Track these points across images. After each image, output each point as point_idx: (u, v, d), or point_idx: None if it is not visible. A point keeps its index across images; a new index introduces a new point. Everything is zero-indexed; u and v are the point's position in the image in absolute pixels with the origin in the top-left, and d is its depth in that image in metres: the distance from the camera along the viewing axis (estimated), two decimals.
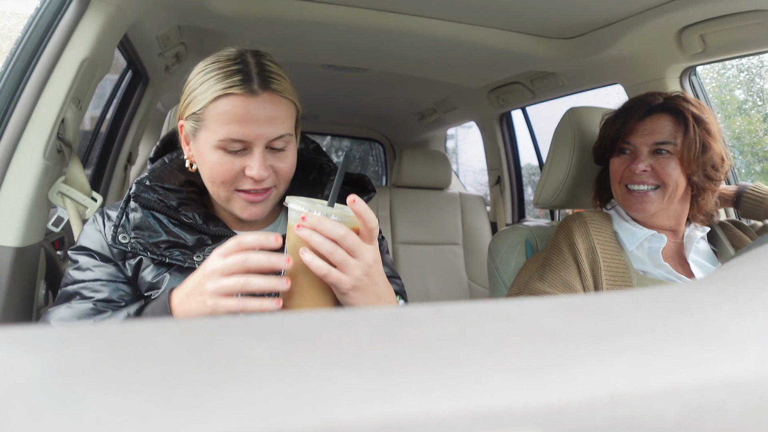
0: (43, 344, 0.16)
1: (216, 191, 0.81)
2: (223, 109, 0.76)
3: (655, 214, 1.10)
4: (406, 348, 0.16)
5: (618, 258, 1.08)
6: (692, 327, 0.17)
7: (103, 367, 0.14)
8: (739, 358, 0.16)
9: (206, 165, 0.79)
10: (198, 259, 0.81)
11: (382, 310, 0.19)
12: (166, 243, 0.81)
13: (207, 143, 0.78)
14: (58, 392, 0.13)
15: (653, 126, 1.09)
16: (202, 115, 0.77)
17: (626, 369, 0.15)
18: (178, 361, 0.15)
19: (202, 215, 0.84)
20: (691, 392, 0.15)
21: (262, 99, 0.77)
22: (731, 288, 0.20)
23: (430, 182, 2.49)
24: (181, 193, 0.85)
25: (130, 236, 0.80)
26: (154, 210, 0.82)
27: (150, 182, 0.84)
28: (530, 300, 0.20)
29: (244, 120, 0.75)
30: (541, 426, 0.14)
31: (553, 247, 1.16)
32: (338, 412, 0.13)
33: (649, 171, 1.08)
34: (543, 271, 1.13)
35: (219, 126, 0.76)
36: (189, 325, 0.17)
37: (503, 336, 0.17)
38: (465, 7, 1.45)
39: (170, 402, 0.13)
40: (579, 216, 1.17)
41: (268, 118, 0.77)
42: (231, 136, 0.75)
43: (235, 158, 0.77)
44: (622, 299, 0.20)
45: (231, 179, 0.78)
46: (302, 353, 0.15)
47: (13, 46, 1.07)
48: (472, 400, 0.14)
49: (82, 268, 0.82)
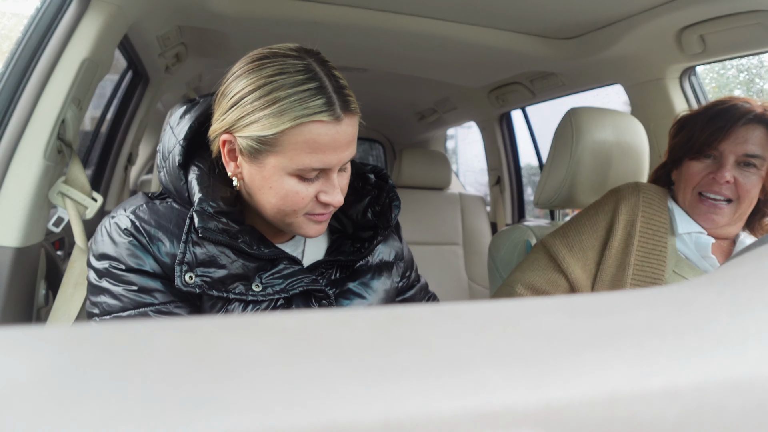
0: (43, 344, 0.16)
1: (282, 218, 0.74)
2: (307, 138, 0.69)
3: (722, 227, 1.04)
4: (406, 348, 0.16)
5: (660, 236, 1.03)
6: (692, 327, 0.17)
7: (103, 367, 0.14)
8: (739, 358, 0.16)
9: (275, 192, 0.72)
10: (257, 289, 0.74)
11: (382, 310, 0.19)
12: (231, 278, 0.74)
13: (279, 169, 0.71)
14: (58, 392, 0.13)
15: (747, 135, 1.01)
16: (274, 140, 0.70)
17: (626, 369, 0.15)
18: (178, 361, 0.15)
19: (254, 238, 0.76)
20: (691, 392, 0.15)
21: (345, 123, 0.71)
22: (731, 288, 0.20)
23: (430, 182, 2.49)
24: (237, 215, 0.76)
25: (195, 275, 0.71)
26: (221, 244, 0.73)
27: (212, 209, 0.73)
28: (530, 300, 0.20)
29: (330, 148, 0.70)
30: (541, 426, 0.14)
31: (593, 207, 1.11)
32: (338, 412, 0.13)
33: (731, 183, 1.00)
34: (567, 227, 1.11)
35: (300, 154, 0.69)
36: (189, 325, 0.17)
37: (503, 336, 0.17)
38: (465, 7, 1.45)
39: (170, 402, 0.13)
40: (634, 185, 1.11)
41: (349, 142, 0.72)
42: (314, 166, 0.70)
43: (311, 185, 0.72)
44: (622, 299, 0.20)
45: (305, 206, 0.72)
46: (302, 353, 0.15)
47: (14, 46, 1.07)
48: (472, 400, 0.14)
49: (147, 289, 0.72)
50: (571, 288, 1.06)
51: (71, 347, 0.16)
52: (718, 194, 1.01)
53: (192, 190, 0.74)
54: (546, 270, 1.08)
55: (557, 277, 1.07)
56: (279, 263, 0.78)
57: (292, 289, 0.76)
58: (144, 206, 0.75)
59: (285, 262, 0.78)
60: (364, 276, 0.87)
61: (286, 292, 0.76)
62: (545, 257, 1.10)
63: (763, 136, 1.01)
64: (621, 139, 1.30)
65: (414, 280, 1.01)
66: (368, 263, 0.88)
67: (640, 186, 1.10)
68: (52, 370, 0.14)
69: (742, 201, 1.00)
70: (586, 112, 1.31)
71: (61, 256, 1.24)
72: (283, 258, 0.77)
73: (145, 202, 0.76)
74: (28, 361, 0.14)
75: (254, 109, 0.69)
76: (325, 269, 0.84)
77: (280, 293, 0.75)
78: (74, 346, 0.16)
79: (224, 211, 0.74)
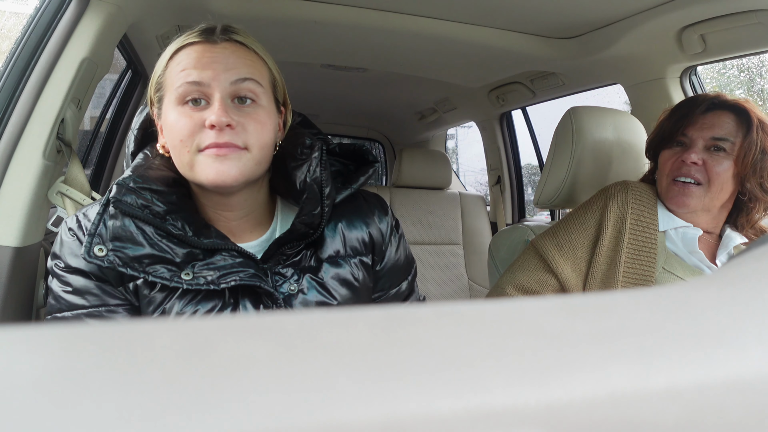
0: (43, 344, 0.16)
1: (180, 157, 0.71)
2: (179, 60, 0.71)
3: (694, 211, 1.05)
4: (406, 348, 0.16)
5: (649, 233, 1.04)
6: (692, 327, 0.17)
7: (103, 366, 0.14)
8: (740, 359, 0.16)
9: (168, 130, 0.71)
10: (186, 277, 0.70)
11: (382, 310, 0.19)
12: (150, 258, 0.70)
13: (169, 105, 0.72)
14: (58, 392, 0.13)
15: (714, 120, 1.04)
16: (162, 79, 0.73)
17: (626, 369, 0.15)
18: (178, 361, 0.14)
19: (193, 225, 0.73)
20: (692, 393, 0.15)
21: (223, 47, 0.72)
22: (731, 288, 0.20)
23: (430, 182, 2.49)
24: (170, 196, 0.73)
25: (107, 248, 0.68)
26: (138, 218, 0.71)
27: (134, 183, 0.71)
28: (530, 300, 0.20)
29: (200, 63, 0.70)
30: (542, 426, 0.14)
31: (583, 206, 1.12)
32: (338, 412, 0.13)
33: (699, 165, 1.02)
34: (557, 227, 1.11)
35: (176, 77, 0.70)
36: (189, 325, 0.17)
37: (503, 336, 0.17)
38: (465, 7, 1.45)
39: (170, 402, 0.13)
40: (623, 184, 1.12)
41: (228, 64, 0.71)
42: (186, 80, 0.69)
43: (194, 111, 0.70)
44: (622, 299, 0.20)
45: (190, 133, 0.69)
46: (302, 353, 0.15)
47: (13, 46, 1.07)
48: (472, 400, 0.14)
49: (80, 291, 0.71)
50: (561, 287, 1.06)
51: (71, 347, 0.16)
52: (688, 176, 1.03)
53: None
54: (536, 270, 1.09)
55: (547, 277, 1.07)
56: (218, 254, 0.73)
57: (224, 282, 0.71)
58: (96, 205, 0.74)
59: (224, 254, 0.73)
60: (335, 265, 0.81)
61: (216, 284, 0.71)
62: (535, 258, 1.10)
63: (731, 122, 1.04)
64: (621, 138, 1.30)
65: (406, 292, 0.94)
66: (338, 253, 0.81)
67: (629, 184, 1.11)
68: (52, 370, 0.14)
69: (713, 184, 1.02)
70: (587, 111, 1.31)
71: None
72: (224, 249, 0.73)
73: (100, 202, 0.74)
74: (28, 361, 0.14)
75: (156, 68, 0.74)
76: (286, 258, 0.78)
77: (210, 284, 0.71)
78: (74, 346, 0.16)
79: (151, 188, 0.72)
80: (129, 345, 0.16)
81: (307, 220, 0.76)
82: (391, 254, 0.89)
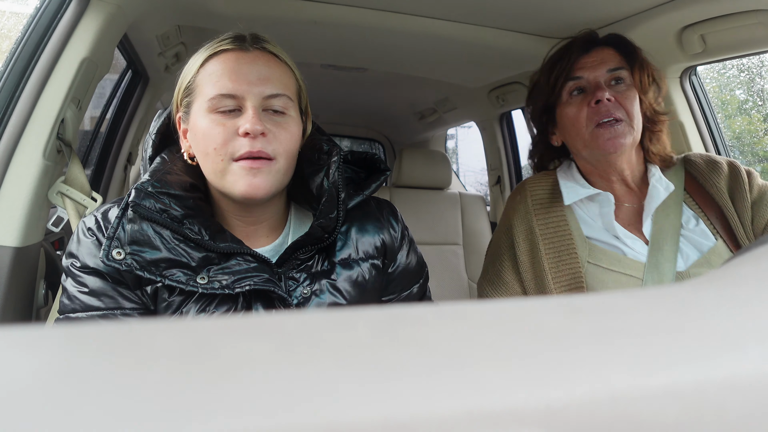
0: (43, 344, 0.16)
1: (212, 165, 0.72)
2: (212, 69, 0.72)
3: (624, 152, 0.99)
4: (407, 348, 0.16)
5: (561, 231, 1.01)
6: (692, 327, 0.17)
7: (103, 366, 0.14)
8: (740, 359, 0.16)
9: (199, 137, 0.71)
10: (202, 281, 0.71)
11: (383, 310, 0.19)
12: (167, 262, 0.71)
13: (200, 112, 0.72)
14: (58, 392, 0.13)
15: (601, 56, 1.01)
16: (193, 85, 0.73)
17: (626, 369, 0.15)
18: (179, 362, 0.14)
19: (209, 229, 0.73)
20: (692, 392, 0.15)
21: (254, 56, 0.72)
22: (731, 288, 0.20)
23: (430, 182, 2.49)
24: (187, 201, 0.73)
25: (125, 251, 0.69)
26: (156, 222, 0.71)
27: (153, 188, 0.72)
28: (530, 300, 0.20)
29: (235, 74, 0.70)
30: (542, 426, 0.14)
31: (495, 232, 1.11)
32: (338, 412, 0.13)
33: (613, 101, 0.97)
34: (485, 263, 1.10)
35: (209, 86, 0.71)
36: (189, 325, 0.17)
37: (503, 336, 0.17)
38: (465, 7, 1.45)
39: (170, 402, 0.13)
40: (521, 189, 1.09)
41: (261, 75, 0.72)
42: (221, 92, 0.70)
43: (227, 119, 0.71)
44: (622, 299, 0.20)
45: (224, 142, 0.70)
46: (302, 353, 0.15)
47: (13, 46, 1.07)
48: (472, 400, 0.14)
49: (96, 292, 0.71)
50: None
51: (71, 347, 0.16)
52: (609, 116, 0.97)
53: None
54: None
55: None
56: (233, 258, 0.74)
57: (238, 286, 0.71)
58: (114, 207, 0.75)
59: (239, 258, 0.74)
60: (347, 268, 0.82)
61: (231, 288, 0.71)
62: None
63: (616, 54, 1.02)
64: None
65: (417, 296, 0.95)
66: (350, 257, 0.83)
67: (525, 186, 1.08)
68: (52, 370, 0.14)
69: (632, 118, 0.98)
70: None
71: (60, 256, 1.24)
72: (239, 254, 0.74)
73: (118, 203, 0.75)
74: (28, 361, 0.14)
75: (182, 75, 0.75)
76: (300, 263, 0.79)
77: (225, 289, 0.71)
78: (74, 346, 0.16)
79: (169, 193, 0.72)
80: (129, 345, 0.16)
81: (324, 223, 0.77)
82: (402, 258, 0.91)
